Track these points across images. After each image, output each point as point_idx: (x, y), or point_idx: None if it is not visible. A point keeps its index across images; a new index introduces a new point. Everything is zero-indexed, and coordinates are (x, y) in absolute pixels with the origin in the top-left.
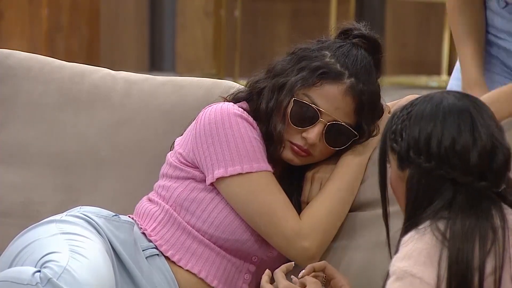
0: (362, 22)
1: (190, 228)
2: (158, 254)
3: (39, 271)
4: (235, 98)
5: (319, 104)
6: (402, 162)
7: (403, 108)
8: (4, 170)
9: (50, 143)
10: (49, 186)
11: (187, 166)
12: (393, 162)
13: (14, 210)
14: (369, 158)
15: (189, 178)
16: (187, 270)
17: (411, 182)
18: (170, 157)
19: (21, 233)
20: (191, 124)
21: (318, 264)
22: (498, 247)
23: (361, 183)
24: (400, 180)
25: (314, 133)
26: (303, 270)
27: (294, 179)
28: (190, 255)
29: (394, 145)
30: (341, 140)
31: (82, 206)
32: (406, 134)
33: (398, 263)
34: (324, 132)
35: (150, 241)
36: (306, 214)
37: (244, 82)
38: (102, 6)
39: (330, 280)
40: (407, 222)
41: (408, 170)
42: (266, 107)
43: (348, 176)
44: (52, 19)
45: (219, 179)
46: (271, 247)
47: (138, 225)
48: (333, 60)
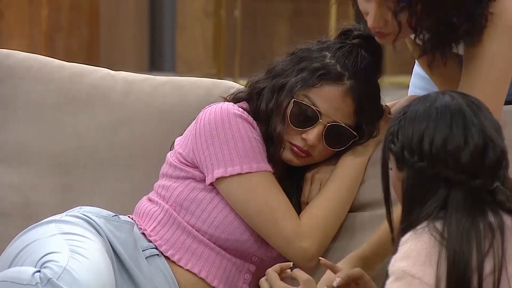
0: (362, 23)
1: (190, 227)
2: (158, 254)
3: (39, 271)
4: (235, 98)
5: (319, 105)
6: (399, 163)
7: (400, 110)
8: (3, 170)
9: (49, 143)
10: (48, 186)
11: (187, 166)
12: (392, 164)
13: (13, 210)
14: (369, 159)
15: (189, 178)
16: (187, 269)
17: (407, 182)
18: (170, 157)
19: (20, 233)
20: (191, 124)
21: (354, 273)
22: (497, 247)
23: (361, 184)
24: (399, 181)
25: (313, 134)
26: (338, 278)
27: (294, 180)
28: (190, 255)
29: (392, 146)
30: (340, 141)
31: (82, 206)
32: (401, 135)
33: (397, 263)
34: (323, 133)
35: (150, 241)
36: (306, 215)
37: (244, 82)
38: (102, 6)
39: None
40: (405, 223)
41: (405, 171)
42: (266, 108)
43: (347, 176)
44: (52, 19)
45: (219, 179)
46: (271, 247)
47: (137, 225)
48: (333, 61)
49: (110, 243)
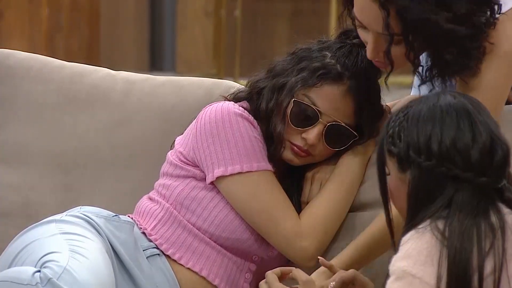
0: None
1: (191, 226)
2: (158, 254)
3: (39, 271)
4: (236, 98)
5: (319, 104)
6: (402, 164)
7: (398, 112)
8: (3, 170)
9: (50, 143)
10: (48, 186)
11: (188, 164)
12: (392, 166)
13: (13, 210)
14: (369, 159)
15: (189, 177)
16: (188, 268)
17: (413, 182)
18: (171, 155)
19: (20, 233)
20: (192, 123)
21: (347, 275)
22: (498, 247)
23: (361, 184)
24: (401, 183)
25: (313, 133)
26: (332, 282)
27: (294, 179)
28: (191, 254)
29: (393, 148)
30: (341, 140)
31: (82, 206)
32: (404, 136)
33: (398, 263)
34: (324, 133)
35: (150, 240)
36: (306, 214)
37: (244, 82)
38: (102, 6)
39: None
40: (409, 223)
41: (409, 171)
42: (266, 107)
43: (348, 176)
44: (52, 19)
45: (219, 178)
46: (272, 246)
47: (138, 224)
48: (333, 61)
49: (110, 243)
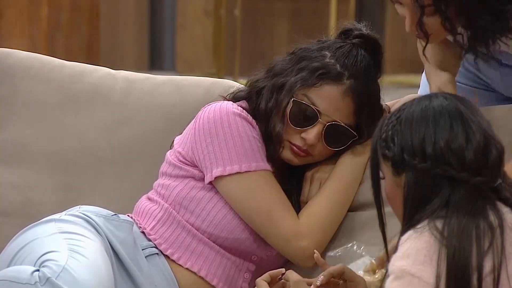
0: (363, 22)
1: (190, 226)
2: (157, 253)
3: (38, 270)
4: (235, 97)
5: (318, 104)
6: (396, 167)
7: (390, 115)
8: (3, 170)
9: (50, 143)
10: (48, 186)
11: (186, 164)
12: (386, 170)
13: (13, 209)
14: (368, 159)
15: (188, 177)
16: (187, 268)
17: (409, 185)
18: (170, 155)
19: (20, 232)
20: (191, 122)
21: (336, 269)
22: (497, 246)
23: (360, 184)
24: (396, 186)
25: (313, 133)
26: (321, 276)
27: (293, 179)
28: (189, 254)
29: (387, 151)
30: (340, 140)
31: (82, 205)
32: (398, 139)
33: (397, 262)
34: (323, 132)
35: (149, 240)
36: (305, 214)
37: (244, 82)
38: (102, 6)
39: (347, 282)
40: (407, 225)
41: (404, 174)
42: (266, 107)
43: (347, 176)
44: (52, 19)
45: (218, 178)
46: (270, 246)
47: (137, 224)
48: (333, 60)
49: (109, 242)
